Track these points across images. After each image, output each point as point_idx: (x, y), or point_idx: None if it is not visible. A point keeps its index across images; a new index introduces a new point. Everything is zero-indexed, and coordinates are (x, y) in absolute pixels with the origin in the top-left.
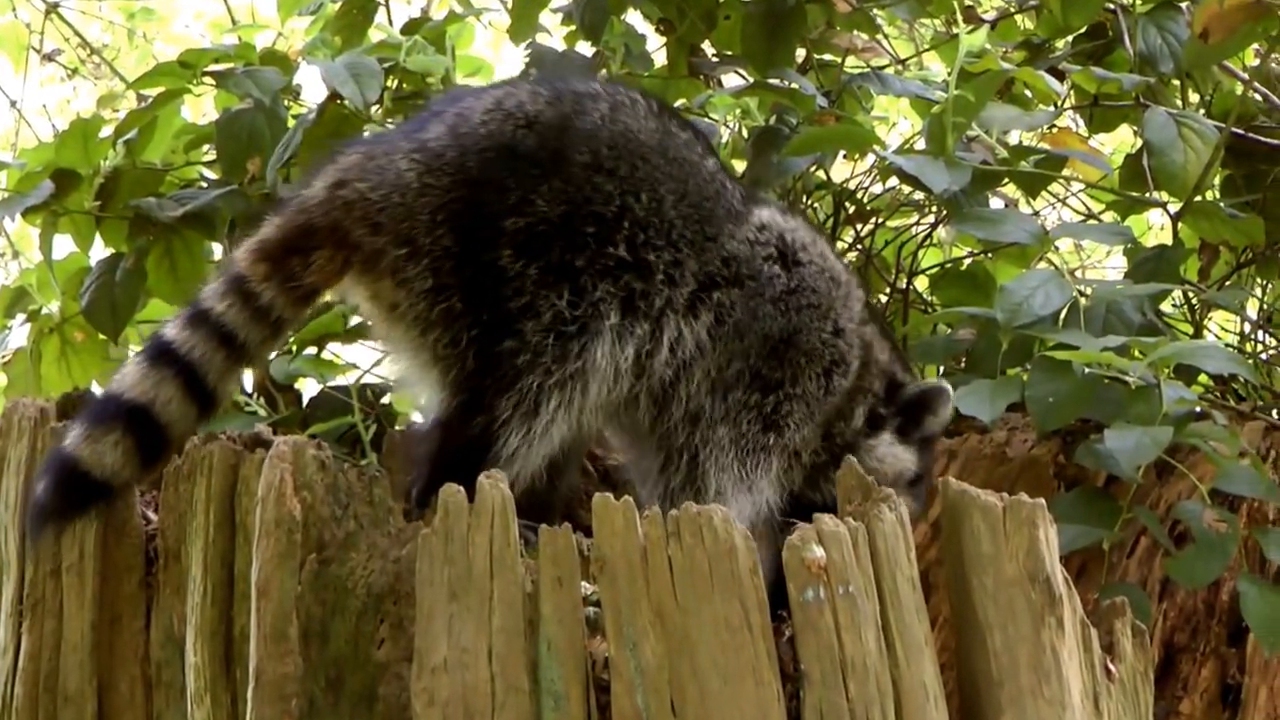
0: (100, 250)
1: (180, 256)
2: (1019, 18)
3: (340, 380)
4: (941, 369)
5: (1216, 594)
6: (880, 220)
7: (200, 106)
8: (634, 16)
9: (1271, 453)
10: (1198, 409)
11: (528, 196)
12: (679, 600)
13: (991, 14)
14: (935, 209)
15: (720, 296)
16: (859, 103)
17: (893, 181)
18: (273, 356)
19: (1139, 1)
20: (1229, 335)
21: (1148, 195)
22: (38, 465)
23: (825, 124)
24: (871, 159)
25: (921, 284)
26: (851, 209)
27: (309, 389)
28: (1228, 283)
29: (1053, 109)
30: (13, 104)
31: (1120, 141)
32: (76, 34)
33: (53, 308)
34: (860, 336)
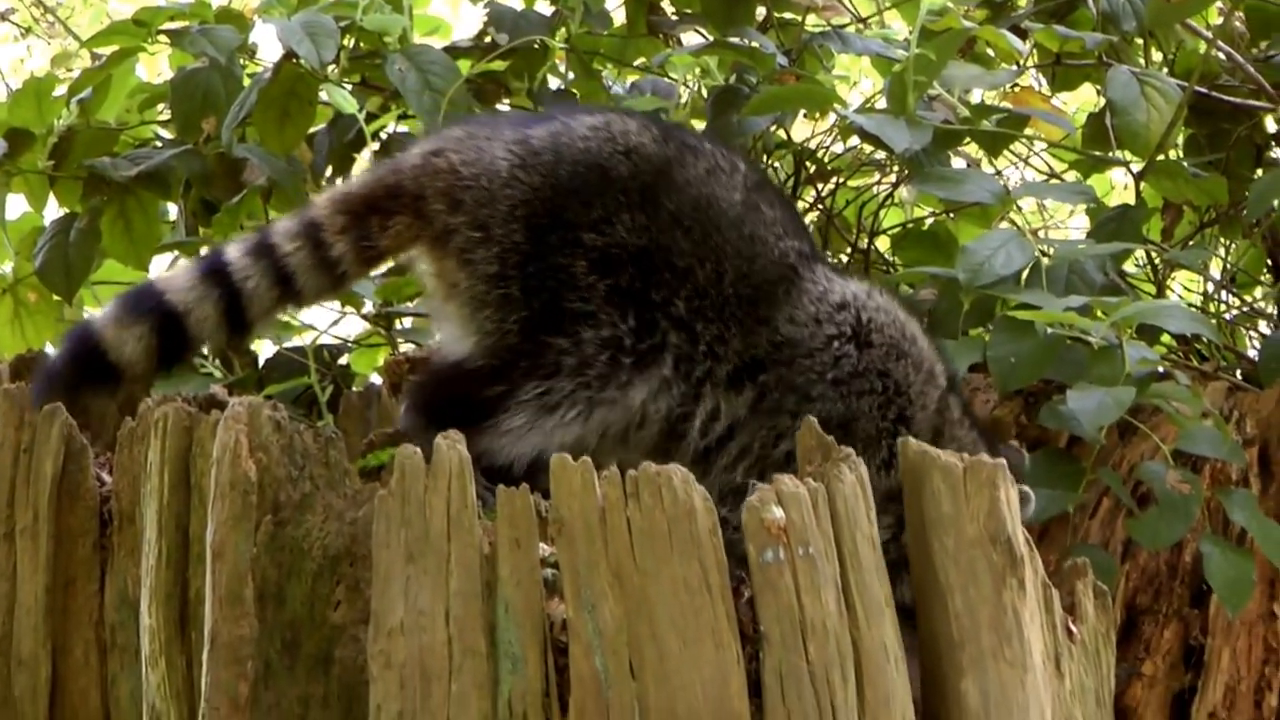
0: (54, 210)
1: (135, 216)
2: None
3: (296, 341)
4: None
5: (1179, 555)
6: (841, 180)
7: (155, 65)
8: None
9: (1234, 413)
10: (1160, 369)
11: (609, 218)
12: (638, 562)
13: None
14: (897, 168)
15: (766, 378)
16: (820, 61)
17: (854, 141)
18: None
19: None
20: (1192, 295)
21: (1110, 154)
22: None
23: (785, 83)
24: (832, 118)
25: (883, 244)
26: (812, 169)
27: (265, 350)
28: (1191, 242)
29: (1015, 68)
30: None
31: (1083, 100)
32: None
33: (6, 268)
34: (931, 424)
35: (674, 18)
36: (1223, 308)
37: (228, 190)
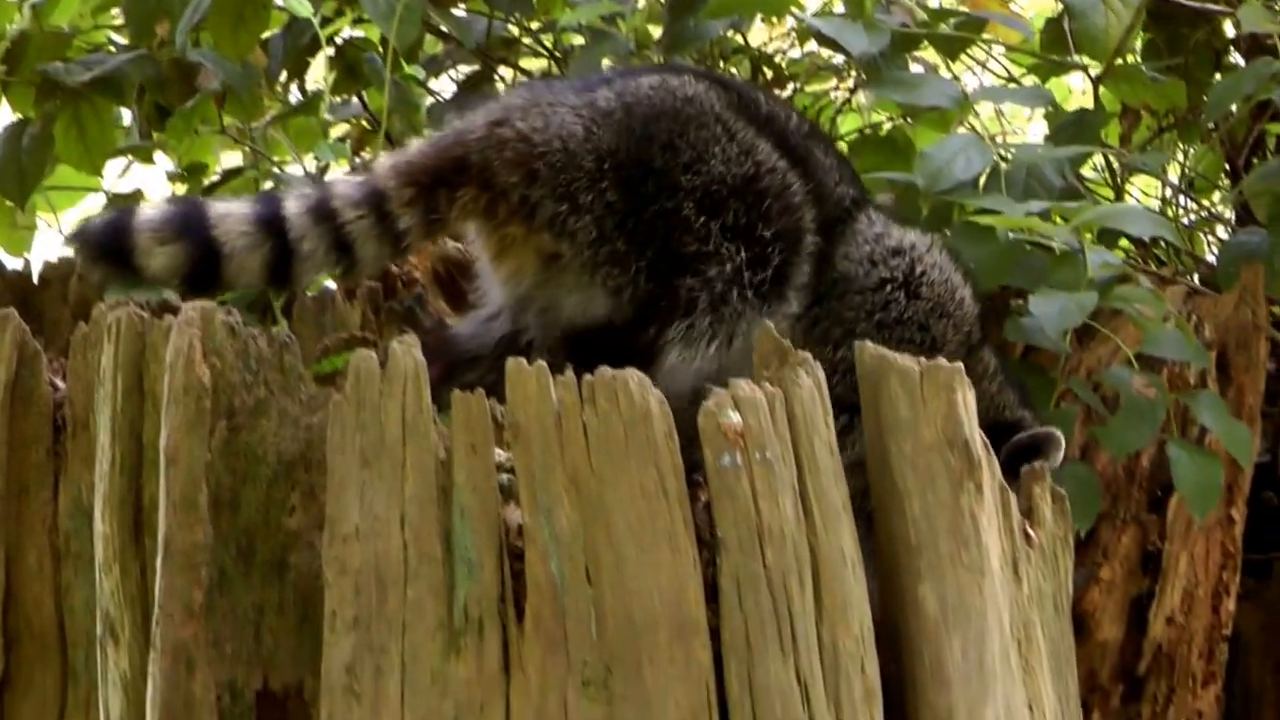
0: (6, 116)
1: (89, 122)
2: None
3: None
4: None
5: (1137, 460)
6: (799, 85)
7: None
8: None
9: (1193, 318)
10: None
11: (701, 155)
12: (594, 467)
13: None
14: (854, 73)
15: (819, 310)
16: None
17: (811, 45)
18: None
19: None
20: (1150, 200)
21: (1069, 59)
22: None
23: None
24: (790, 22)
25: (841, 149)
26: (769, 74)
27: None
28: (1149, 147)
29: None
30: None
31: (1041, 5)
32: None
33: None
34: None
35: None
36: (1181, 212)
37: (182, 95)
